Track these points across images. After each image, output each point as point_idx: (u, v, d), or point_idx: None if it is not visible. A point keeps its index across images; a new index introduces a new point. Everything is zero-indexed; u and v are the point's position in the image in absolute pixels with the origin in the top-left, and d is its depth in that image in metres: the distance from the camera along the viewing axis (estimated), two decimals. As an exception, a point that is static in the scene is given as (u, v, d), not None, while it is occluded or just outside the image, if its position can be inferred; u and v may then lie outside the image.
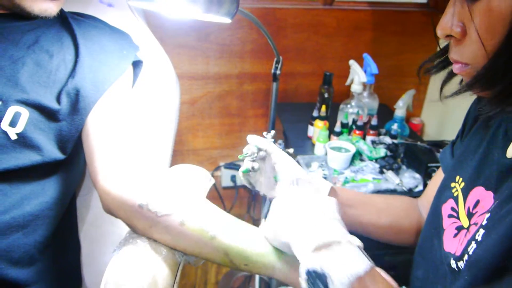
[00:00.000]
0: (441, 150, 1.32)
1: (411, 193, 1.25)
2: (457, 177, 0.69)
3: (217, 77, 1.77)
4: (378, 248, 0.93)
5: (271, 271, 0.68)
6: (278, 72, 1.25)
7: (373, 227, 0.83)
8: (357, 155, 1.38)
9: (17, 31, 0.82)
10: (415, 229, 0.84)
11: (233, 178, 1.96)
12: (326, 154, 1.38)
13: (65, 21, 0.89)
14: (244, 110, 1.86)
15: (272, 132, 0.84)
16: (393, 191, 1.25)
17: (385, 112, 1.68)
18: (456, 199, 0.67)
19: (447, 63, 0.65)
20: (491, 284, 0.53)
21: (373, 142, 1.43)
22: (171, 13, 0.83)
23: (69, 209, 0.88)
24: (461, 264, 0.60)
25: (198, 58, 1.72)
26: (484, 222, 0.57)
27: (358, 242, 0.58)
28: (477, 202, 0.62)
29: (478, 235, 0.57)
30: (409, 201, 0.88)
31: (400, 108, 1.50)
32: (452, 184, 0.69)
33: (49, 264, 0.80)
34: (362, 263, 0.54)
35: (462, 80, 0.64)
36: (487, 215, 0.57)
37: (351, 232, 0.64)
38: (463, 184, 0.67)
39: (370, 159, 1.38)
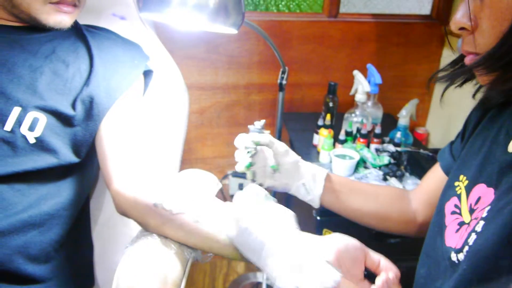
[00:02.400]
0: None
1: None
2: (461, 176, 0.71)
3: (225, 88, 1.82)
4: (386, 254, 0.96)
5: None
6: (284, 82, 1.30)
7: (359, 213, 0.89)
8: (361, 163, 1.42)
9: (35, 42, 0.88)
10: (402, 218, 0.88)
11: (240, 186, 1.99)
12: (331, 161, 1.41)
13: (80, 33, 0.94)
14: (251, 120, 1.89)
15: (263, 121, 0.90)
16: (396, 197, 1.28)
17: (389, 121, 1.71)
18: (459, 197, 0.70)
19: (459, 73, 0.69)
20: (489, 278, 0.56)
21: (377, 150, 1.47)
22: (180, 24, 0.88)
23: (83, 210, 0.93)
24: (460, 256, 0.62)
25: (207, 69, 1.77)
26: (484, 215, 0.60)
27: (325, 257, 0.64)
28: (479, 199, 0.65)
29: (478, 227, 0.60)
30: (398, 191, 0.92)
31: (404, 117, 1.53)
32: (456, 183, 0.72)
33: (64, 262, 0.84)
34: (329, 280, 0.59)
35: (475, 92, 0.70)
36: (488, 208, 0.60)
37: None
38: (466, 182, 0.69)
39: (374, 166, 1.41)
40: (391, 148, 1.45)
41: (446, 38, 1.76)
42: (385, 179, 1.35)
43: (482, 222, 0.60)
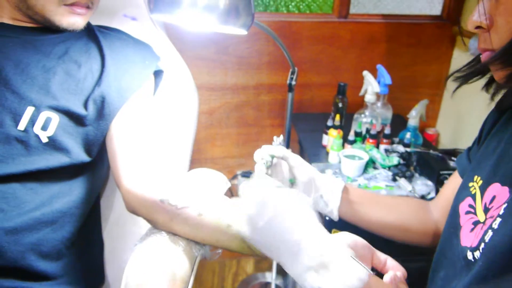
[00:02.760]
0: (453, 158, 1.35)
1: (423, 200, 1.27)
2: (475, 177, 0.72)
3: (235, 88, 1.83)
4: (394, 254, 0.96)
5: None
6: (293, 82, 1.30)
7: (380, 225, 0.87)
8: (371, 163, 1.42)
9: (49, 43, 0.89)
10: (423, 229, 0.87)
11: (249, 186, 2.00)
12: (340, 162, 1.42)
13: (92, 34, 0.96)
14: (260, 120, 1.91)
15: (281, 136, 0.91)
16: (405, 198, 1.28)
17: (399, 122, 1.70)
18: (474, 197, 0.70)
19: (475, 71, 0.69)
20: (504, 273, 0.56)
21: (386, 150, 1.46)
22: (191, 25, 0.89)
23: (93, 208, 0.94)
24: (477, 254, 0.63)
25: (217, 70, 1.78)
26: (501, 212, 0.60)
27: (350, 252, 0.60)
28: (493, 198, 0.65)
29: (495, 224, 0.60)
30: (419, 203, 0.91)
31: (413, 118, 1.53)
32: (470, 184, 0.72)
33: (75, 260, 0.86)
34: (358, 280, 0.56)
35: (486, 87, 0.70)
36: (504, 205, 0.60)
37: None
38: (481, 182, 0.70)
39: (384, 167, 1.41)
40: (401, 148, 1.45)
41: (461, 36, 1.75)
42: (394, 180, 1.35)
43: (499, 220, 0.60)
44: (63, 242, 0.83)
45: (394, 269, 0.69)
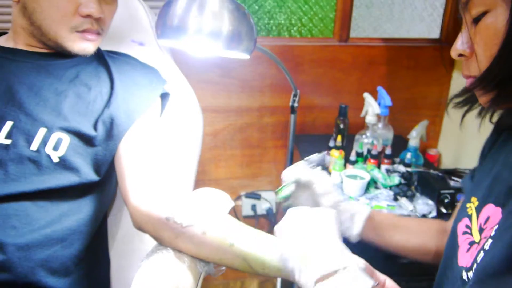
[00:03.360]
0: (453, 177, 1.37)
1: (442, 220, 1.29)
2: (473, 198, 0.74)
3: (239, 110, 1.87)
4: (398, 274, 0.98)
5: (286, 273, 0.74)
6: (295, 104, 1.34)
7: (403, 249, 0.91)
8: (372, 183, 1.44)
9: (61, 67, 0.94)
10: (442, 250, 0.90)
11: (253, 207, 2.02)
12: (342, 182, 1.44)
13: (101, 58, 1.00)
14: (264, 142, 1.94)
15: (315, 156, 0.94)
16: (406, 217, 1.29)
17: (399, 143, 1.73)
18: (470, 217, 0.72)
19: (473, 98, 0.73)
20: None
21: (387, 170, 1.49)
22: (196, 51, 0.93)
23: (101, 227, 0.96)
24: (470, 274, 0.64)
25: (221, 93, 1.82)
26: (493, 233, 0.63)
27: (360, 263, 0.65)
28: (488, 218, 0.67)
29: (487, 245, 0.62)
30: (439, 224, 0.93)
31: (414, 138, 1.56)
32: (468, 205, 0.75)
33: (82, 276, 0.88)
34: (363, 285, 0.60)
35: (480, 112, 0.74)
36: (496, 226, 0.63)
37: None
38: (477, 203, 0.72)
39: (385, 186, 1.43)
40: (402, 168, 1.48)
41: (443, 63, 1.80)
42: (395, 199, 1.36)
43: (490, 241, 0.62)
44: (71, 259, 0.85)
45: None
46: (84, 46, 0.93)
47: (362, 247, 0.86)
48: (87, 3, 0.88)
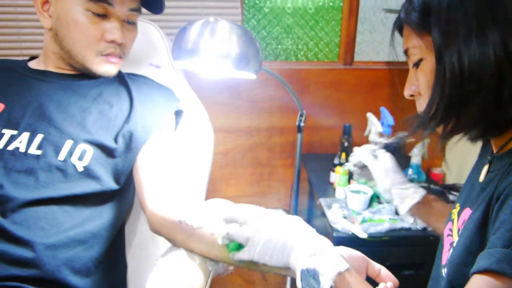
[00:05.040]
0: (452, 191, 1.43)
1: (425, 232, 1.34)
2: (457, 204, 0.82)
3: (249, 130, 1.95)
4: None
5: (285, 271, 0.80)
6: (302, 124, 1.42)
7: None
8: (375, 198, 1.50)
9: (86, 87, 1.04)
10: None
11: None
12: (346, 197, 1.51)
13: (122, 79, 1.10)
14: (273, 161, 2.02)
15: (385, 138, 1.14)
16: (407, 230, 1.35)
17: (402, 160, 1.79)
18: (453, 222, 0.80)
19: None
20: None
21: (390, 186, 1.55)
22: (209, 72, 1.03)
23: (119, 232, 1.05)
24: (445, 270, 0.72)
25: (232, 114, 1.92)
26: (460, 232, 0.70)
27: (340, 250, 0.73)
28: (464, 221, 0.74)
29: (455, 242, 0.70)
30: None
31: (416, 156, 1.63)
32: (453, 211, 0.82)
33: (102, 278, 0.95)
34: (344, 264, 0.67)
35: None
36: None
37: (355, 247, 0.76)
38: (459, 208, 0.80)
39: (387, 201, 1.49)
40: (404, 184, 1.53)
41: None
42: (397, 214, 1.42)
43: (457, 238, 0.71)
44: (92, 261, 0.93)
45: (387, 279, 0.77)
46: (108, 68, 1.03)
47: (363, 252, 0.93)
48: (112, 30, 0.99)
